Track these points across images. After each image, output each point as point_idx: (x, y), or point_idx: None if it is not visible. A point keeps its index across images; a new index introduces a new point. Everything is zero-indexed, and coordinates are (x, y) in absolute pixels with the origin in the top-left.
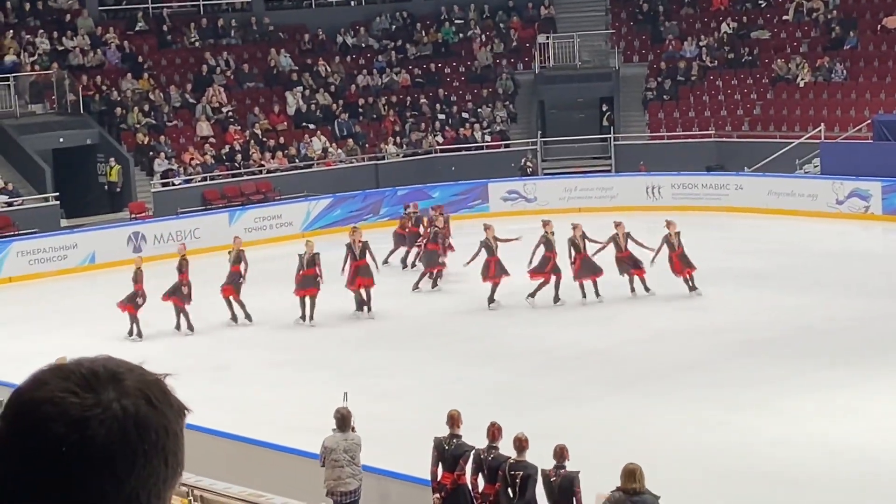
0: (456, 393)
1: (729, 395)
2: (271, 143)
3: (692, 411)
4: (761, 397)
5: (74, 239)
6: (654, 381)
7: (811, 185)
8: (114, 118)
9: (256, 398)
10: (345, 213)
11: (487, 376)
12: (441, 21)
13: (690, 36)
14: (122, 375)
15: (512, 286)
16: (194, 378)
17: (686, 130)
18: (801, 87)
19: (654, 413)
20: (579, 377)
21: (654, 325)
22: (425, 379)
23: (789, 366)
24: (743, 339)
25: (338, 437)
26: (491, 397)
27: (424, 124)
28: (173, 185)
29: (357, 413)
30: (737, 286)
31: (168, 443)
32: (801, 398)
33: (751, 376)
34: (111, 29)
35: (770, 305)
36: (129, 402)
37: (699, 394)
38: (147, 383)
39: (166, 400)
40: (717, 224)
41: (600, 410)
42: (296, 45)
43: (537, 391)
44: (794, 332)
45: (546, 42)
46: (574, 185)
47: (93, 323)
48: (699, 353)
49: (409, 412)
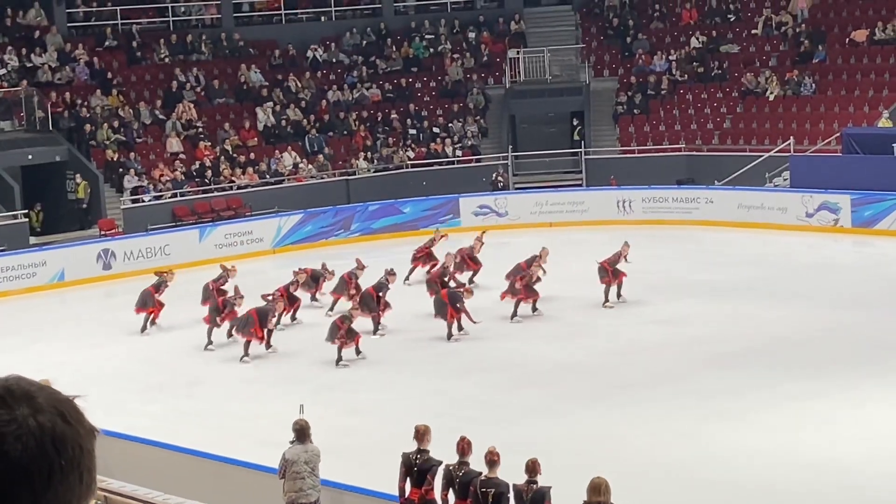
0: (427, 408)
1: (702, 406)
2: (242, 158)
3: (665, 424)
4: (735, 409)
5: (44, 256)
6: (627, 393)
7: (781, 199)
8: (83, 135)
9: (229, 413)
10: (316, 228)
11: (460, 390)
12: (412, 36)
13: (660, 50)
14: (34, 393)
15: (484, 300)
16: (166, 395)
17: (656, 144)
18: (771, 101)
19: (628, 426)
20: (551, 391)
21: (626, 337)
22: (397, 393)
23: (762, 377)
24: (715, 352)
25: (298, 449)
26: (463, 411)
27: (395, 139)
28: (143, 201)
29: (328, 427)
30: (708, 299)
31: (83, 459)
32: (774, 409)
33: (724, 388)
34: (80, 45)
35: (741, 317)
36: (44, 419)
37: (672, 406)
38: (60, 401)
39: (80, 418)
40: (687, 237)
41: (573, 424)
42: (266, 61)
43: (510, 405)
44: (766, 343)
45: (516, 57)
46: (545, 199)
47: (61, 340)
48: (671, 366)
49: (380, 427)
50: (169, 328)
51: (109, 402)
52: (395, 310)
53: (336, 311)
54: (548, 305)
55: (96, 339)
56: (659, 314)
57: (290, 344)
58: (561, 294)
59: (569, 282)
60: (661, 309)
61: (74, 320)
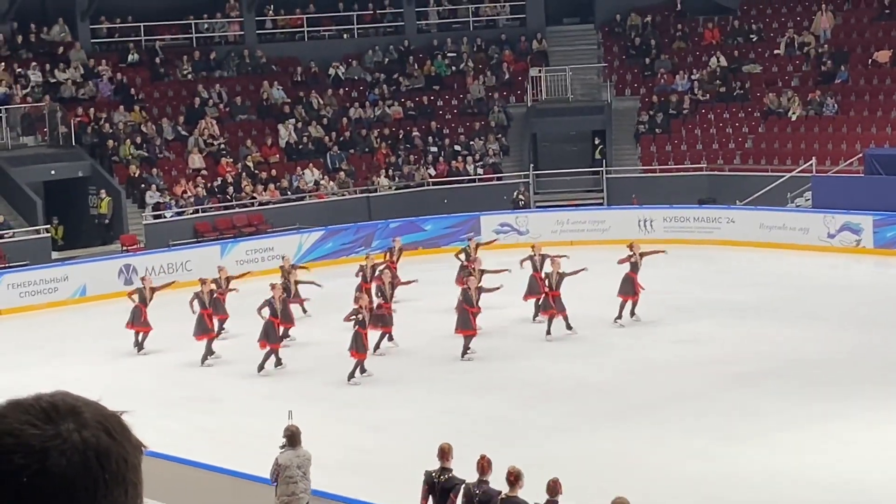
0: (447, 425)
1: (723, 427)
2: (263, 175)
3: (685, 444)
4: (756, 429)
5: (65, 271)
6: (648, 413)
7: (803, 219)
8: (106, 150)
9: (248, 430)
10: (336, 245)
11: (480, 409)
12: (434, 54)
13: (682, 69)
14: (80, 409)
15: (504, 317)
16: (184, 410)
17: (678, 164)
18: (793, 121)
19: (649, 445)
20: (572, 409)
21: (646, 357)
22: (417, 411)
23: (783, 398)
24: (736, 372)
25: (290, 454)
26: (483, 430)
27: (417, 157)
28: (165, 217)
29: (347, 444)
30: (728, 319)
31: (128, 474)
32: (795, 430)
33: (745, 408)
34: (104, 61)
35: (762, 338)
36: (89, 434)
37: (692, 426)
38: (106, 416)
39: (125, 434)
40: (708, 257)
41: (594, 443)
42: (288, 78)
43: (530, 424)
44: (787, 364)
45: (538, 75)
46: (566, 217)
47: (84, 354)
48: (691, 386)
49: (400, 445)
50: (191, 344)
51: (128, 417)
52: (414, 327)
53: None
54: None
55: (117, 354)
56: (679, 334)
57: (307, 360)
58: (581, 312)
59: (589, 300)
60: (681, 329)
61: (96, 335)
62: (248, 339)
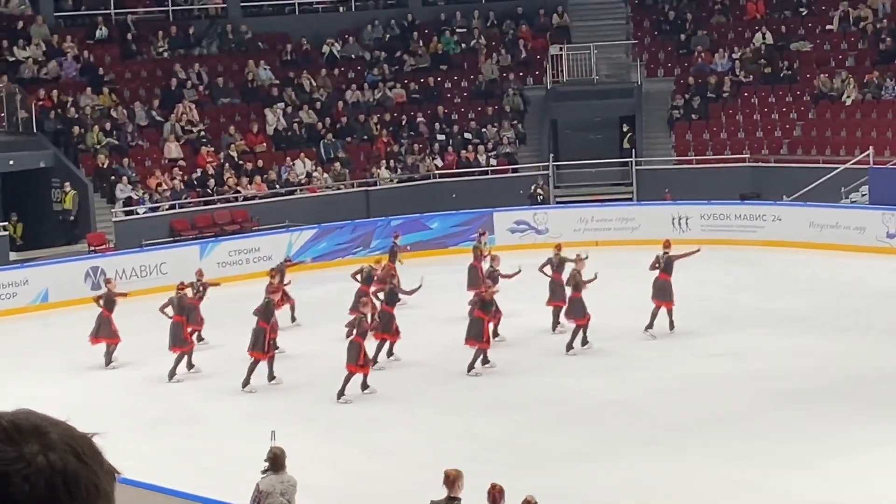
0: (457, 449)
1: (767, 452)
2: (248, 166)
3: (725, 471)
4: (803, 455)
5: (25, 274)
6: (680, 436)
7: (858, 217)
8: (71, 138)
9: (231, 454)
10: (331, 245)
11: (492, 431)
12: (441, 30)
13: (722, 48)
14: (46, 429)
15: (520, 327)
16: (162, 432)
17: (717, 154)
18: (847, 106)
19: (681, 472)
20: (596, 432)
21: (681, 372)
22: (422, 433)
23: (834, 420)
24: (781, 390)
25: (273, 480)
26: (496, 454)
27: (421, 146)
28: (137, 213)
29: (344, 471)
30: (774, 329)
31: (100, 502)
32: (848, 456)
33: (790, 431)
34: (68, 38)
35: (812, 351)
36: (55, 457)
37: (733, 451)
38: (75, 438)
39: (97, 457)
40: (751, 259)
41: (620, 470)
42: (277, 56)
43: (548, 448)
44: (839, 381)
45: (559, 54)
46: (590, 214)
47: (46, 369)
48: (732, 405)
49: (404, 471)
50: (167, 357)
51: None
52: (421, 339)
53: None
54: (592, 335)
55: (83, 368)
56: (718, 346)
57: (299, 375)
58: (607, 323)
59: (617, 309)
60: (720, 340)
61: (59, 347)
62: (227, 351)
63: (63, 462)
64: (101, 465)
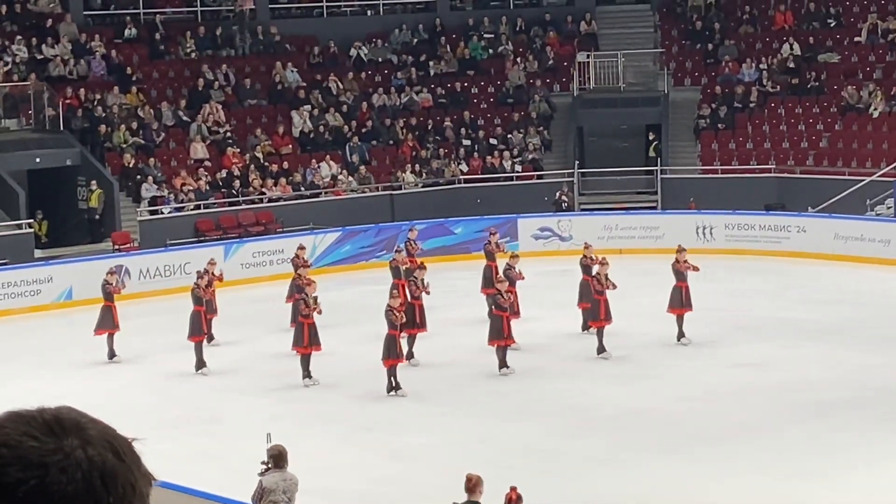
0: (478, 454)
1: (791, 464)
2: (274, 168)
3: (748, 483)
4: (829, 468)
5: (50, 272)
6: (703, 446)
7: (884, 229)
8: (97, 137)
9: (252, 454)
10: (355, 248)
11: (513, 436)
12: (469, 35)
13: (750, 58)
14: (86, 425)
15: (544, 331)
16: (184, 431)
17: (743, 164)
18: (875, 118)
19: (702, 482)
20: (618, 440)
21: (704, 382)
22: (444, 437)
23: (858, 431)
24: (806, 401)
25: (276, 477)
26: (517, 460)
27: (447, 151)
28: (162, 213)
29: (365, 474)
30: (797, 341)
31: (135, 501)
32: (874, 469)
33: (813, 442)
34: (97, 36)
35: (836, 363)
36: (94, 452)
37: (756, 462)
38: (115, 437)
39: (135, 459)
40: (776, 270)
41: (641, 478)
42: (304, 59)
43: (570, 455)
44: (864, 393)
45: (586, 61)
46: (615, 222)
47: (68, 367)
48: (756, 416)
49: (425, 474)
50: (190, 355)
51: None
52: (444, 342)
53: None
54: (615, 342)
55: (107, 366)
56: (741, 357)
57: (324, 376)
58: (630, 330)
59: (639, 317)
60: (743, 351)
61: (83, 345)
62: (250, 351)
63: (101, 458)
64: (138, 468)
